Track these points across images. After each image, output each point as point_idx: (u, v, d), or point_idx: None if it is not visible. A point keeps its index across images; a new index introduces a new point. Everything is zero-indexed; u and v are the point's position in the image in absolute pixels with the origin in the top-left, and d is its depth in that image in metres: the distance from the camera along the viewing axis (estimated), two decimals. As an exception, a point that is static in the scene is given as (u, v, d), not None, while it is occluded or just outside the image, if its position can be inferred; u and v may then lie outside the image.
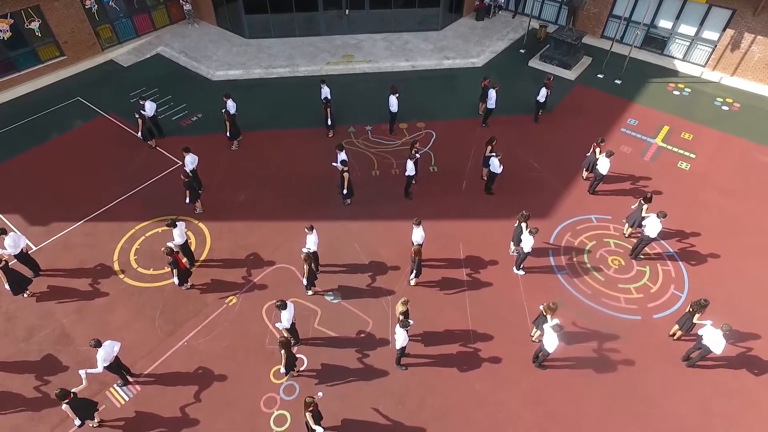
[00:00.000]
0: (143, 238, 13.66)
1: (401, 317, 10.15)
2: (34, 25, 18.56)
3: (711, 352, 10.21)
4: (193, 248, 13.08)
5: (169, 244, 11.68)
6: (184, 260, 12.18)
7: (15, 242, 11.79)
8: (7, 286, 11.50)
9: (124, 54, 21.40)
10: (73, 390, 8.98)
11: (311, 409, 8.75)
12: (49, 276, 12.69)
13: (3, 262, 11.24)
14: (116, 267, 12.92)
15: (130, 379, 10.59)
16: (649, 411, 10.22)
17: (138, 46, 21.88)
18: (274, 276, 12.71)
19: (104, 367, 9.70)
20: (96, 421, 9.78)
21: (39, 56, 19.27)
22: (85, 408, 9.37)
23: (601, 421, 10.08)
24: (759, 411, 10.26)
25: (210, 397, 10.42)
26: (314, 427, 8.73)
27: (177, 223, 12.02)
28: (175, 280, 11.80)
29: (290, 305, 10.44)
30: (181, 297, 12.23)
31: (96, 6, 20.07)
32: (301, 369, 10.84)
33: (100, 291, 12.38)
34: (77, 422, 9.26)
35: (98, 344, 9.57)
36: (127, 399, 10.39)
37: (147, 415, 10.14)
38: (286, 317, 10.30)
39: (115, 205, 14.58)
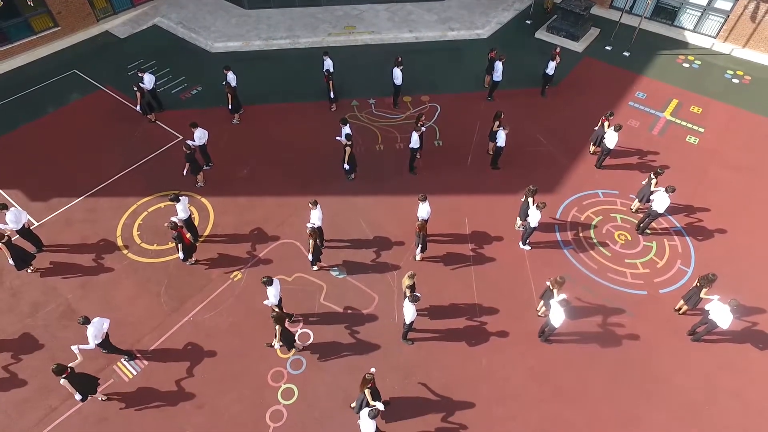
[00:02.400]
0: (146, 213, 13.52)
1: (408, 291, 10.10)
2: (27, -7, 17.97)
3: (717, 326, 10.21)
4: (196, 223, 12.95)
5: (173, 219, 11.57)
6: (188, 235, 12.06)
7: (16, 217, 11.65)
8: (11, 261, 11.41)
9: (119, 25, 20.82)
10: (69, 365, 8.97)
11: (370, 385, 8.75)
12: (52, 252, 12.60)
13: (6, 237, 11.12)
14: (119, 242, 12.82)
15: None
16: (655, 385, 10.29)
17: (134, 16, 21.27)
18: (279, 251, 12.62)
19: (96, 344, 9.66)
20: (102, 396, 9.83)
21: (32, 27, 18.73)
22: (84, 383, 9.38)
23: (607, 395, 10.15)
24: (763, 385, 10.32)
25: (217, 371, 10.46)
26: (373, 403, 8.66)
27: (180, 197, 11.86)
28: (180, 254, 11.71)
29: (276, 281, 10.34)
30: (186, 272, 12.17)
31: (89, -26, 19.45)
32: (306, 343, 10.86)
33: (104, 266, 12.31)
34: (78, 397, 9.29)
35: (87, 321, 9.53)
36: (134, 373, 10.43)
37: (155, 389, 10.19)
38: (272, 293, 10.26)
39: (116, 181, 14.38)
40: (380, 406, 8.62)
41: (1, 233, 11.12)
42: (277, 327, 9.72)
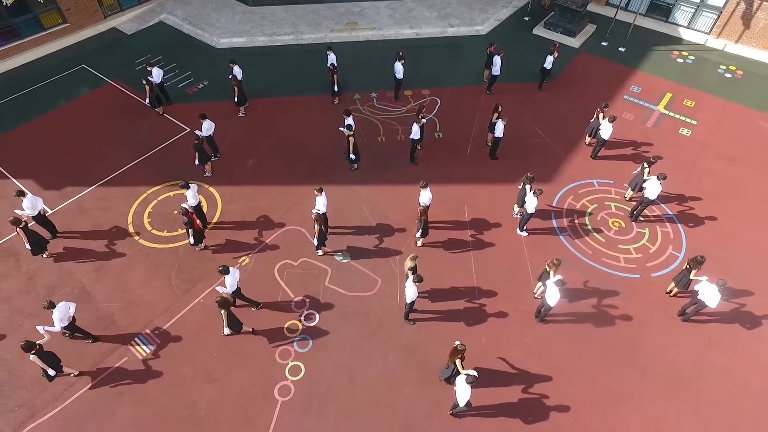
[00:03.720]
0: (155, 201, 13.97)
1: (410, 273, 10.56)
2: (37, -10, 18.45)
3: (706, 306, 10.68)
4: (205, 211, 13.39)
5: (184, 205, 12.01)
6: (198, 221, 12.50)
7: (33, 204, 12.10)
8: (27, 246, 11.86)
9: (126, 22, 21.28)
10: (38, 342, 9.45)
11: (461, 356, 9.23)
12: (66, 238, 13.05)
13: (23, 223, 11.57)
14: (131, 229, 13.27)
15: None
16: (647, 362, 10.75)
17: (140, 13, 21.74)
18: (285, 237, 13.08)
19: (62, 327, 10.09)
20: (73, 372, 10.33)
21: (42, 23, 19.17)
22: (53, 359, 9.82)
23: (602, 372, 10.61)
24: (750, 362, 10.79)
25: (227, 349, 10.91)
26: (467, 372, 9.00)
27: (190, 184, 12.32)
28: (191, 239, 12.17)
29: (233, 270, 10.72)
30: (196, 257, 12.63)
31: (97, -28, 19.91)
32: (312, 324, 11.31)
33: (117, 252, 12.76)
34: (51, 372, 9.75)
35: (51, 305, 9.96)
36: (148, 352, 10.88)
37: (168, 366, 10.64)
38: (229, 282, 10.67)
39: (127, 170, 14.84)
40: (473, 373, 8.96)
41: (18, 219, 11.56)
42: (222, 312, 10.13)
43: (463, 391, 8.81)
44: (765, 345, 11.05)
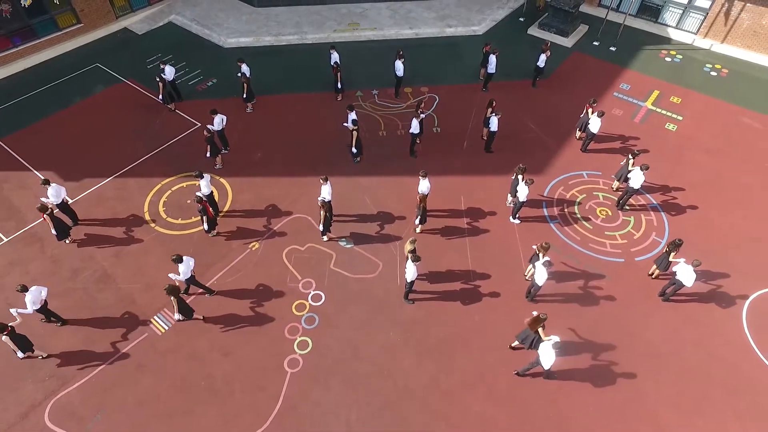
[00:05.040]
0: (170, 191, 14.84)
1: (409, 255, 11.42)
2: (53, -8, 19.32)
3: (684, 285, 11.54)
4: (216, 200, 14.25)
5: (198, 194, 12.87)
6: (211, 209, 13.35)
7: (57, 192, 12.96)
8: (53, 231, 12.71)
9: (137, 22, 22.16)
10: (10, 324, 10.21)
11: (542, 325, 10.19)
12: (86, 225, 13.91)
13: (49, 210, 12.43)
14: (147, 217, 14.13)
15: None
16: (629, 339, 11.60)
17: (150, 14, 22.61)
18: (292, 224, 13.95)
19: (34, 310, 10.81)
20: (42, 354, 11.10)
21: (57, 24, 20.05)
22: (24, 341, 10.58)
23: (585, 346, 11.47)
24: (724, 338, 11.65)
25: (240, 326, 11.78)
26: (549, 338, 10.01)
27: (203, 174, 13.17)
28: (205, 226, 13.04)
29: (187, 259, 11.41)
30: (209, 243, 13.49)
31: (110, -26, 20.79)
32: (319, 303, 12.17)
33: (135, 238, 13.63)
34: (19, 354, 10.55)
35: (24, 289, 10.64)
36: (166, 328, 11.74)
37: (186, 341, 11.51)
38: (182, 270, 11.39)
39: (142, 163, 15.71)
40: (555, 338, 9.93)
41: (45, 206, 12.42)
42: (172, 298, 10.86)
43: (548, 355, 9.81)
44: (738, 322, 11.92)
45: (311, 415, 10.36)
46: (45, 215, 12.39)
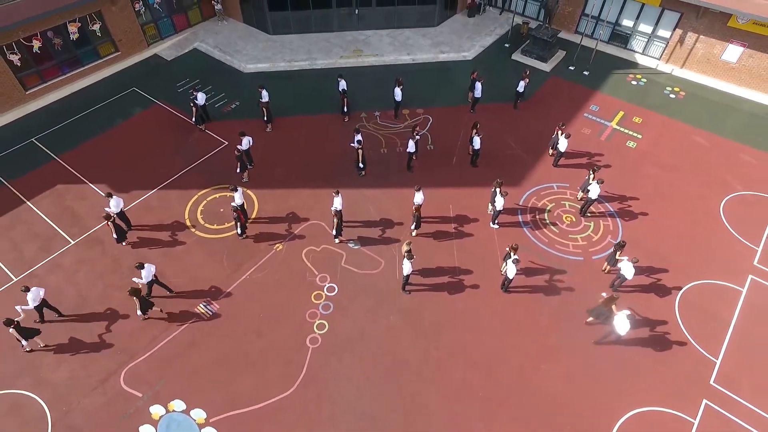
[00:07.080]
0: (205, 201, 17.66)
1: (406, 254, 14.22)
2: (96, 26, 22.13)
3: (626, 279, 14.35)
4: (246, 209, 17.06)
5: (233, 204, 15.68)
6: (243, 216, 16.17)
7: (117, 203, 15.77)
8: (114, 236, 15.53)
9: (166, 49, 24.98)
10: (15, 319, 12.48)
11: (615, 303, 13.11)
12: (138, 230, 16.72)
13: (112, 218, 15.24)
14: (188, 223, 16.94)
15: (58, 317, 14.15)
16: (584, 320, 14.40)
17: (177, 41, 25.43)
18: (310, 229, 16.77)
19: (34, 307, 13.15)
20: (41, 343, 13.55)
21: (99, 53, 22.88)
22: (28, 333, 12.83)
23: (550, 327, 14.26)
24: (664, 318, 14.43)
25: (269, 312, 14.57)
26: (623, 311, 12.94)
27: (237, 188, 15.98)
28: (238, 230, 15.87)
29: (148, 266, 13.76)
30: (240, 245, 16.29)
31: (144, 8, 23.58)
32: (333, 294, 14.97)
33: (179, 241, 16.43)
34: (24, 343, 12.96)
35: (27, 289, 12.98)
36: (210, 314, 14.55)
37: (226, 324, 14.30)
38: (144, 274, 13.70)
39: (180, 177, 18.52)
40: (629, 311, 13.00)
41: (108, 215, 15.23)
42: (135, 299, 13.19)
43: (624, 325, 12.76)
44: (671, 307, 14.71)
45: (328, 381, 13.17)
46: (108, 222, 15.20)
